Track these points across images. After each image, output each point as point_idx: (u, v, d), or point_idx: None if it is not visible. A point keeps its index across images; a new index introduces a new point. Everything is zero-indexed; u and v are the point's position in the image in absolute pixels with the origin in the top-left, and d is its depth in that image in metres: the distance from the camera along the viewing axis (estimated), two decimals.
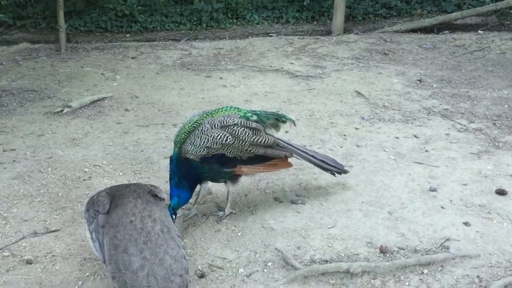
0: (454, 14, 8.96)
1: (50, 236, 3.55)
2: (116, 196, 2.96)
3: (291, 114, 5.66)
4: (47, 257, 3.36)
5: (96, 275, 3.20)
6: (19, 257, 3.34)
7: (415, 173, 4.41)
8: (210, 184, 4.20)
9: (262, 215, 3.82)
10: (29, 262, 3.29)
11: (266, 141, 3.56)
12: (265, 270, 3.26)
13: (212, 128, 3.46)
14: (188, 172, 3.50)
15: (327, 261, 3.31)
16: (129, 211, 2.84)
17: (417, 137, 5.09)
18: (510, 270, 3.19)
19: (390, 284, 3.13)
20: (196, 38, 8.89)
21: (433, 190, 4.14)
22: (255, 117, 3.62)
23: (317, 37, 8.63)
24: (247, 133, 3.49)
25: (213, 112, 3.61)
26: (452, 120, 5.47)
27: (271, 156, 3.64)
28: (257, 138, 3.52)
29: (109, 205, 2.90)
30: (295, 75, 6.93)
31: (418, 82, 6.62)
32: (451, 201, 3.99)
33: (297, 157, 3.85)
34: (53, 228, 3.63)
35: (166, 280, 2.56)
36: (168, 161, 4.56)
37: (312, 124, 5.42)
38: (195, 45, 8.34)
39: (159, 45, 8.32)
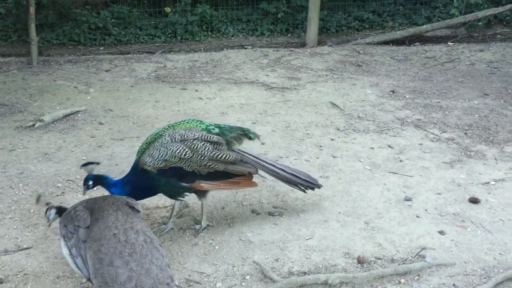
0: (425, 26, 9.17)
1: (21, 254, 3.45)
2: (95, 209, 2.94)
3: (267, 126, 5.68)
4: (19, 275, 3.26)
5: None
6: None
7: (390, 183, 4.47)
8: (186, 198, 4.17)
9: (240, 227, 3.80)
10: (0, 281, 3.19)
11: (227, 157, 3.48)
12: (243, 283, 3.23)
13: (171, 141, 3.41)
14: (143, 183, 3.45)
15: (305, 273, 3.30)
16: (111, 224, 2.83)
17: (392, 147, 5.16)
18: (485, 278, 3.24)
19: None
20: (171, 50, 8.86)
21: (408, 199, 4.19)
22: (217, 130, 3.56)
23: (291, 49, 8.70)
24: (207, 148, 3.42)
25: (176, 124, 3.57)
26: (425, 130, 5.57)
27: (233, 173, 3.56)
28: (217, 153, 3.45)
29: (89, 218, 2.87)
30: (271, 87, 6.96)
31: (391, 93, 6.73)
32: (426, 210, 4.04)
33: (264, 173, 3.78)
34: (25, 246, 3.53)
35: None
36: None
37: (288, 136, 5.44)
38: (170, 57, 8.31)
39: (133, 58, 8.26)
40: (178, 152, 3.37)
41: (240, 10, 9.89)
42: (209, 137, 3.45)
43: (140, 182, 3.45)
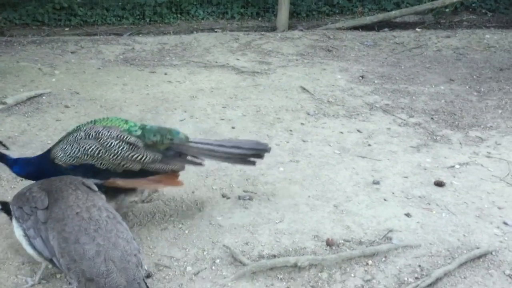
0: (394, 12, 9.27)
1: None
2: (52, 190, 2.93)
3: (237, 110, 5.65)
4: None
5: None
6: None
7: (359, 167, 4.53)
8: None
9: (210, 212, 3.79)
10: None
11: (143, 157, 3.36)
12: (213, 267, 3.23)
13: (85, 137, 3.31)
14: (50, 171, 3.32)
15: (275, 256, 3.32)
16: (72, 203, 2.84)
17: (360, 132, 5.22)
18: (449, 259, 3.34)
19: (336, 276, 3.18)
20: (139, 33, 8.69)
21: (376, 183, 4.26)
22: (139, 132, 3.41)
23: (262, 33, 8.66)
24: (121, 147, 3.32)
25: (98, 120, 3.47)
26: (393, 115, 5.65)
27: (153, 171, 3.46)
28: (132, 153, 3.34)
29: (47, 200, 2.86)
30: (241, 71, 6.92)
31: (360, 78, 6.79)
32: (393, 193, 4.12)
33: (203, 158, 3.63)
34: None
35: (123, 261, 2.63)
36: None
37: (258, 120, 5.43)
38: (138, 40, 8.14)
39: (100, 39, 8.06)
40: (91, 150, 3.28)
41: None
42: (126, 137, 3.34)
43: (47, 170, 3.34)
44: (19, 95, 5.70)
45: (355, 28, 8.97)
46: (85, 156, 3.28)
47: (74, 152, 3.28)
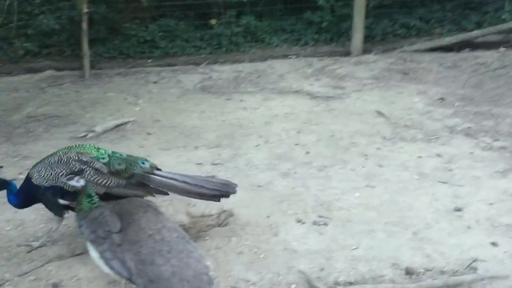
0: (474, 32, 8.90)
1: (75, 259, 3.58)
2: (123, 213, 3.08)
3: (311, 135, 5.66)
4: (73, 280, 3.39)
5: None
6: (45, 281, 3.37)
7: (439, 192, 4.35)
8: (231, 206, 4.22)
9: (285, 236, 3.80)
10: (55, 285, 3.32)
11: (108, 182, 3.55)
12: None
13: (57, 162, 3.57)
14: (31, 192, 3.63)
15: (351, 283, 3.26)
16: (145, 226, 2.98)
17: (441, 156, 5.03)
18: None
19: None
20: (216, 61, 9.01)
21: (458, 210, 4.06)
22: (106, 160, 3.61)
23: (336, 58, 8.66)
24: (88, 172, 3.52)
25: (72, 147, 3.72)
26: (476, 139, 5.39)
27: (116, 195, 3.59)
28: (98, 178, 3.53)
29: (120, 223, 3.01)
30: (315, 96, 6.95)
31: (439, 100, 6.56)
32: (477, 221, 3.91)
33: (163, 192, 3.71)
34: (78, 252, 3.67)
35: (196, 280, 2.74)
36: None
37: (332, 145, 5.41)
38: (215, 68, 8.45)
39: (179, 69, 8.46)
40: (60, 175, 3.52)
41: (284, 21, 9.94)
42: (93, 163, 3.56)
43: (29, 191, 3.64)
44: (107, 124, 6.10)
45: (433, 49, 8.70)
46: (55, 179, 3.54)
47: (47, 174, 3.56)
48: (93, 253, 3.05)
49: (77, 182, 3.26)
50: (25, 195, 3.69)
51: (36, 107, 6.83)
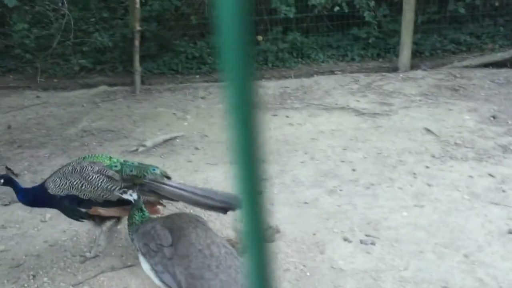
0: None
1: (126, 270, 3.71)
2: (173, 228, 3.17)
3: (358, 152, 5.63)
4: None
5: None
6: None
7: (492, 214, 4.22)
8: (278, 222, 4.25)
9: (331, 255, 3.79)
10: None
11: (120, 189, 3.68)
12: None
13: (72, 172, 3.72)
14: (45, 199, 3.80)
15: None
16: (194, 241, 3.06)
17: (493, 176, 4.88)
18: None
19: None
20: (262, 77, 9.11)
21: None
22: (118, 167, 3.76)
23: (383, 74, 8.58)
24: (101, 180, 3.68)
25: (86, 157, 3.90)
26: None
27: (129, 201, 3.71)
28: (111, 185, 3.67)
29: (171, 237, 3.10)
30: (361, 112, 6.91)
31: (491, 118, 6.38)
32: None
33: (173, 200, 3.87)
34: (129, 263, 3.79)
35: None
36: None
37: (379, 162, 5.35)
38: (261, 84, 8.55)
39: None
40: (75, 183, 3.69)
41: (330, 37, 9.96)
42: (106, 171, 3.71)
43: (43, 198, 3.82)
44: (157, 138, 6.28)
45: (485, 65, 8.49)
46: (71, 188, 3.71)
47: (62, 184, 3.73)
48: (145, 265, 3.17)
49: (130, 196, 3.40)
50: (33, 199, 3.90)
51: (91, 121, 7.12)
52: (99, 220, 3.90)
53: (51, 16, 9.96)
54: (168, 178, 3.92)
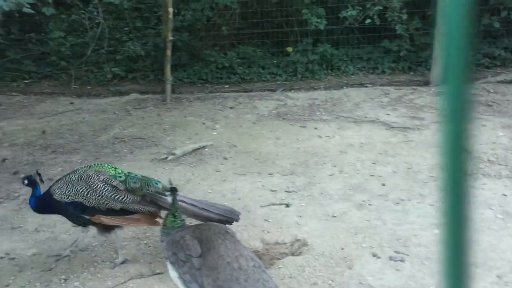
0: None
1: (155, 278, 3.75)
2: (203, 239, 3.19)
3: (387, 167, 5.57)
4: None
5: None
6: None
7: None
8: (305, 235, 4.23)
9: (359, 270, 3.75)
10: None
11: (124, 198, 3.84)
12: None
13: (78, 179, 3.86)
14: (51, 205, 3.93)
15: None
16: (223, 253, 3.07)
17: None
18: None
19: None
20: (291, 88, 9.13)
21: None
22: (122, 178, 3.90)
23: (414, 87, 8.49)
24: (106, 189, 3.82)
25: (92, 166, 4.06)
26: None
27: (132, 211, 3.89)
28: (114, 194, 3.81)
29: (200, 248, 3.12)
30: (392, 126, 6.84)
31: None
32: None
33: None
34: (158, 271, 3.83)
35: None
36: (264, 210, 4.68)
37: (410, 178, 5.28)
38: (290, 95, 8.56)
39: (255, 95, 8.65)
40: (81, 191, 3.83)
41: (360, 49, 9.92)
42: (110, 180, 3.85)
43: (49, 203, 3.95)
44: (186, 147, 6.35)
45: None
46: (76, 195, 3.84)
47: (68, 191, 3.85)
48: (173, 273, 3.20)
49: (168, 198, 3.50)
50: (42, 205, 4.03)
51: (122, 128, 7.25)
52: (104, 228, 4.00)
53: (86, 25, 10.23)
54: None
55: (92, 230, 4.36)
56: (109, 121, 7.55)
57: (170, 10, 8.22)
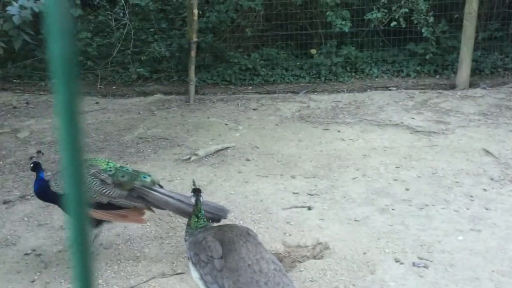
0: None
1: (176, 278, 3.78)
2: (224, 241, 3.20)
3: (411, 171, 5.50)
4: None
5: None
6: None
7: None
8: (327, 239, 4.21)
9: (382, 275, 3.71)
10: None
11: (111, 192, 3.87)
12: None
13: None
14: (49, 194, 4.01)
15: None
16: (244, 255, 3.08)
17: None
18: None
19: None
20: (314, 91, 9.10)
21: None
22: (112, 172, 3.94)
23: (439, 91, 8.37)
24: (94, 182, 3.86)
25: (87, 160, 4.10)
26: None
27: (119, 206, 3.91)
28: (102, 188, 3.85)
29: (221, 250, 3.14)
30: (416, 130, 6.75)
31: None
32: None
33: (159, 207, 3.97)
34: (179, 271, 3.86)
35: None
36: (286, 213, 4.68)
37: (434, 183, 5.21)
38: (313, 97, 8.54)
39: (278, 97, 8.65)
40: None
41: (385, 51, 9.82)
42: (99, 174, 3.89)
43: (47, 193, 4.03)
44: (209, 148, 6.39)
45: None
46: None
47: (61, 183, 3.87)
48: (194, 273, 3.22)
49: (192, 198, 3.54)
50: (42, 191, 4.09)
51: (146, 128, 7.34)
52: (93, 222, 4.04)
53: (112, 26, 10.40)
54: (161, 186, 4.09)
55: (116, 228, 4.43)
56: (134, 121, 7.65)
57: (195, 11, 8.28)
